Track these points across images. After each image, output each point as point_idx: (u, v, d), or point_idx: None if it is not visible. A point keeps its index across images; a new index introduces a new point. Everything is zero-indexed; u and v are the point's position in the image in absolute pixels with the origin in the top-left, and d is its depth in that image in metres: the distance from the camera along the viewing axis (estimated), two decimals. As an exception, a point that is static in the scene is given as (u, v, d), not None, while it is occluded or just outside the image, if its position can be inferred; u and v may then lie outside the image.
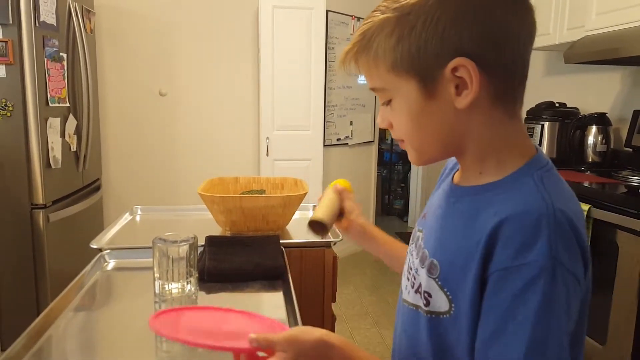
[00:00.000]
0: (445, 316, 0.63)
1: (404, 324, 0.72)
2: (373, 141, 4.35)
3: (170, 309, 0.77)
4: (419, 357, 0.67)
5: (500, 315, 0.55)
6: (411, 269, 0.71)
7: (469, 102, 0.59)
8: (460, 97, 0.60)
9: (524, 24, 0.60)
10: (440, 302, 0.63)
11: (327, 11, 3.53)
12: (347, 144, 4.04)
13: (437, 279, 0.63)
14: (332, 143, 3.90)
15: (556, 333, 0.54)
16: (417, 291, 0.68)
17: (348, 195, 0.94)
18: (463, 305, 0.60)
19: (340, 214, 0.93)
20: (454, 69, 0.58)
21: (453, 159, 0.77)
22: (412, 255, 0.73)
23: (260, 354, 0.67)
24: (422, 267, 0.67)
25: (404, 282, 0.73)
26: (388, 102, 0.66)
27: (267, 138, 3.50)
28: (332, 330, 1.49)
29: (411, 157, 0.69)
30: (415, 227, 0.77)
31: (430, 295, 0.64)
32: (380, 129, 4.25)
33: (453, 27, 0.58)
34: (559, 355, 0.54)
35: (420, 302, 0.66)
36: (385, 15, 0.60)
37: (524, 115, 2.85)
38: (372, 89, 0.66)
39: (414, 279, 0.69)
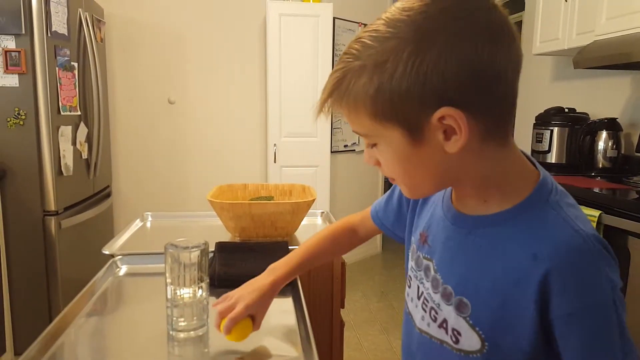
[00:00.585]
0: (476, 355, 0.62)
1: (426, 353, 0.70)
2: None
3: None
4: None
5: (588, 350, 0.56)
6: (427, 300, 0.69)
7: (460, 147, 0.56)
8: (449, 142, 0.56)
9: (511, 57, 0.56)
10: (472, 341, 0.62)
11: (334, 18, 3.55)
12: (354, 150, 4.04)
13: (468, 318, 0.62)
14: (339, 149, 3.91)
15: (630, 343, 0.57)
16: (441, 326, 0.66)
17: (258, 318, 0.89)
18: (504, 345, 0.60)
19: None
20: (441, 118, 0.55)
21: None
22: (422, 284, 0.71)
23: None
24: (448, 304, 0.65)
25: (421, 313, 0.71)
26: (373, 145, 0.62)
27: (275, 145, 3.51)
28: (341, 336, 1.49)
29: (404, 192, 0.67)
30: (416, 253, 0.74)
31: (459, 334, 0.63)
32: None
33: (435, 73, 0.53)
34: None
35: (448, 339, 0.65)
36: (360, 62, 0.56)
37: (532, 120, 2.85)
38: (355, 132, 0.63)
39: (435, 313, 0.67)
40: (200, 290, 0.90)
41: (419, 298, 0.71)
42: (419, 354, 0.73)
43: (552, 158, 2.71)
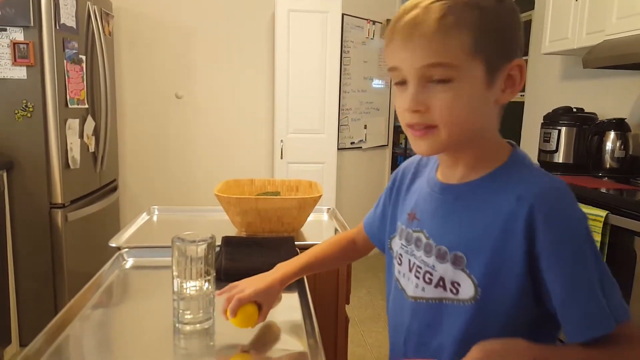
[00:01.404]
0: (474, 301, 0.69)
1: (424, 318, 0.76)
2: (387, 145, 4.34)
3: None
4: (446, 342, 0.73)
5: (569, 283, 0.64)
6: (420, 267, 0.76)
7: (508, 99, 0.69)
8: (505, 93, 0.68)
9: None
10: (467, 289, 0.69)
11: (343, 15, 3.54)
12: (361, 147, 4.04)
13: (465, 268, 0.70)
14: (346, 146, 3.90)
15: (605, 271, 0.66)
16: (437, 285, 0.73)
17: (265, 308, 0.91)
18: (497, 287, 0.68)
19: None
20: (512, 68, 0.67)
21: (398, 174, 0.91)
22: (413, 256, 0.78)
23: None
24: (444, 262, 0.72)
25: (414, 281, 0.78)
26: (445, 82, 0.65)
27: (282, 141, 3.51)
28: (346, 332, 1.49)
29: (432, 143, 0.69)
30: (405, 231, 0.81)
31: (459, 285, 0.71)
32: (394, 131, 4.24)
33: (517, 35, 0.68)
34: (612, 286, 0.66)
35: (447, 294, 0.72)
36: (467, 1, 0.64)
37: (540, 120, 2.84)
38: (434, 64, 0.64)
39: (430, 275, 0.74)
40: (206, 284, 0.90)
41: (410, 270, 0.79)
42: (414, 322, 0.78)
43: (560, 158, 2.70)
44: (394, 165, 5.27)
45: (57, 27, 2.37)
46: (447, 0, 0.64)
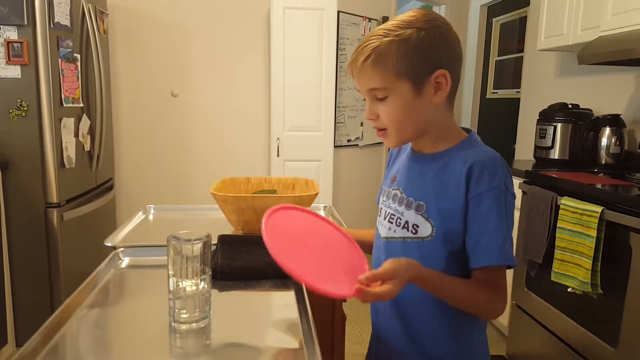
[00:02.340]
0: (428, 238, 0.93)
1: (392, 253, 0.97)
2: (383, 142, 4.33)
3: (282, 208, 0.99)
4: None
5: (483, 221, 0.87)
6: (393, 215, 0.99)
7: (441, 100, 0.91)
8: (436, 95, 0.91)
9: (462, 54, 0.95)
10: (426, 230, 0.92)
11: (339, 12, 3.53)
12: (357, 145, 4.04)
13: (424, 214, 0.93)
14: (343, 144, 3.90)
15: (510, 230, 0.89)
16: (404, 227, 0.96)
17: None
18: (446, 227, 0.91)
19: None
20: (437, 77, 0.89)
21: (392, 151, 1.11)
22: (389, 207, 1.01)
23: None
24: (409, 209, 0.96)
25: (387, 225, 1.00)
26: (382, 99, 0.91)
27: (278, 139, 3.51)
28: (343, 329, 1.49)
29: (391, 140, 0.96)
30: (387, 190, 1.04)
31: (418, 227, 0.94)
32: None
33: (438, 50, 0.89)
34: (511, 240, 0.89)
35: (409, 234, 0.95)
36: (390, 39, 0.88)
37: (536, 116, 2.84)
38: (373, 89, 0.91)
39: (399, 219, 0.97)
40: (202, 283, 0.90)
41: (385, 218, 1.02)
42: (386, 255, 0.98)
43: (555, 154, 2.70)
44: (391, 162, 5.28)
45: (52, 26, 2.35)
46: (375, 41, 0.88)
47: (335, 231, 1.02)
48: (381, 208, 1.05)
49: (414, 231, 0.94)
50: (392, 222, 0.99)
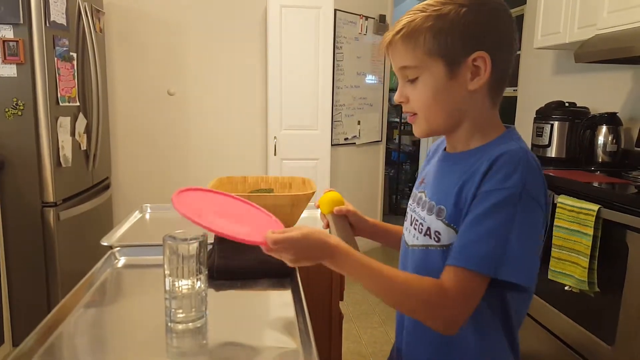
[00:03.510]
0: (450, 247, 0.80)
1: (415, 262, 0.89)
2: (380, 141, 4.34)
3: (192, 189, 0.95)
4: None
5: (476, 221, 0.75)
6: (417, 220, 0.90)
7: (478, 86, 0.80)
8: (473, 81, 0.80)
9: (517, 41, 0.84)
10: (449, 236, 0.81)
11: (335, 10, 3.53)
12: (354, 143, 4.04)
13: (444, 219, 0.82)
14: (340, 142, 3.90)
15: (523, 240, 0.73)
16: (425, 234, 0.86)
17: (349, 212, 1.04)
18: None
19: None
20: (474, 59, 0.79)
21: (432, 147, 1.01)
22: (415, 212, 0.92)
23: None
24: (430, 215, 0.85)
25: (412, 232, 0.91)
26: (413, 80, 0.83)
27: (275, 137, 3.51)
28: (340, 328, 1.49)
29: (419, 127, 0.87)
30: (414, 192, 0.96)
31: (440, 233, 0.82)
32: (387, 126, 4.24)
33: (480, 30, 0.79)
34: (521, 255, 0.74)
35: (432, 242, 0.84)
36: (427, 14, 0.79)
37: (533, 114, 2.85)
38: (403, 67, 0.83)
39: (422, 225, 0.88)
40: (198, 282, 0.90)
41: (411, 224, 0.92)
42: (411, 264, 0.91)
43: (552, 152, 2.71)
44: (388, 161, 5.28)
45: (47, 25, 2.34)
46: (410, 16, 0.81)
47: (250, 206, 1.01)
48: (407, 212, 0.97)
49: (436, 239, 0.83)
50: (416, 229, 0.90)
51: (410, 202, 0.96)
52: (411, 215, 0.93)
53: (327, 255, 0.80)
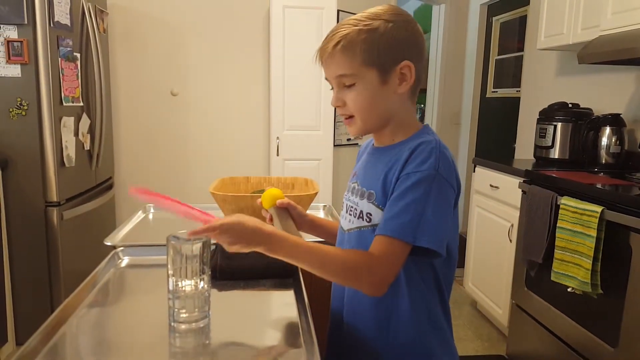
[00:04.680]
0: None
1: (351, 244, 0.99)
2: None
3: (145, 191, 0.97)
4: None
5: (398, 198, 0.87)
6: (352, 207, 1.00)
7: (405, 90, 0.93)
8: (400, 86, 0.93)
9: (426, 51, 0.98)
10: (379, 216, 0.92)
11: (338, 11, 3.53)
12: (357, 144, 4.03)
13: (374, 201, 0.94)
14: (342, 143, 3.90)
15: (435, 213, 0.85)
16: (359, 217, 0.97)
17: (290, 205, 1.12)
18: None
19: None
20: (402, 67, 0.92)
21: (361, 149, 1.13)
22: (349, 200, 1.02)
23: None
24: (362, 199, 0.97)
25: (347, 218, 1.01)
26: (350, 86, 0.93)
27: (278, 138, 3.51)
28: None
29: (355, 127, 0.97)
30: (349, 183, 1.06)
31: (371, 214, 0.94)
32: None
33: (404, 42, 0.92)
34: (433, 225, 0.85)
35: (364, 223, 0.96)
36: (359, 28, 0.91)
37: (536, 115, 2.84)
38: (341, 75, 0.93)
39: (355, 210, 0.99)
40: (201, 282, 0.90)
41: (347, 211, 1.03)
42: (347, 247, 1.00)
43: (555, 153, 2.70)
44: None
45: (51, 25, 2.35)
46: (344, 29, 0.92)
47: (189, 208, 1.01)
48: (343, 202, 1.07)
49: (367, 219, 0.95)
50: (350, 214, 1.00)
51: (345, 194, 1.07)
52: (346, 204, 1.04)
53: (263, 241, 0.87)
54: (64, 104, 2.48)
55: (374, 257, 0.85)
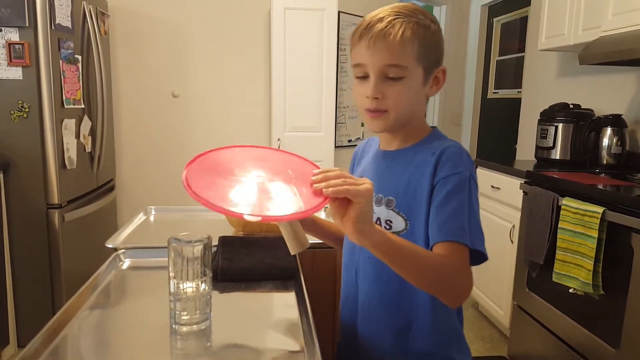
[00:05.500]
0: (403, 232, 0.91)
1: (363, 253, 0.97)
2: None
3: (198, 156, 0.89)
4: (385, 270, 0.84)
5: (445, 201, 0.85)
6: None
7: (434, 93, 0.95)
8: (432, 89, 0.95)
9: None
10: (399, 224, 0.92)
11: (339, 12, 3.53)
12: (357, 145, 4.03)
13: (394, 208, 0.92)
14: (344, 144, 3.90)
15: (476, 214, 0.87)
16: (376, 224, 0.86)
17: None
18: (418, 218, 0.89)
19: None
20: (439, 71, 0.94)
21: (357, 151, 1.16)
22: None
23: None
24: (379, 206, 0.94)
25: None
26: (394, 79, 0.89)
27: (279, 139, 3.51)
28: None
29: (384, 123, 0.93)
30: None
31: (391, 222, 0.93)
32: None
33: (442, 46, 0.94)
34: (479, 227, 0.86)
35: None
36: (416, 21, 0.88)
37: (537, 116, 2.84)
38: (392, 65, 0.87)
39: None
40: (203, 284, 0.90)
41: None
42: (361, 256, 0.98)
43: (557, 154, 2.70)
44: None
45: (53, 27, 2.36)
46: (405, 19, 0.88)
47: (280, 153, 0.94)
48: None
49: (387, 227, 0.93)
50: None
51: None
52: None
53: (374, 230, 0.75)
54: (65, 106, 2.49)
55: (454, 260, 0.82)
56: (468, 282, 0.84)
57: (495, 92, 4.48)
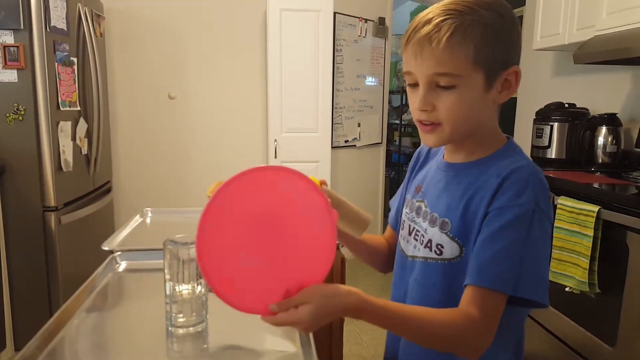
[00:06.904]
0: (455, 260, 0.81)
1: (415, 274, 0.88)
2: (381, 143, 4.34)
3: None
4: (432, 297, 0.83)
5: (492, 238, 0.74)
6: (418, 231, 0.88)
7: (503, 99, 0.80)
8: (501, 94, 0.79)
9: None
10: (452, 250, 0.81)
11: (335, 13, 3.54)
12: (355, 145, 4.04)
13: (448, 232, 0.81)
14: (340, 145, 3.90)
15: (535, 257, 0.74)
16: (426, 246, 0.85)
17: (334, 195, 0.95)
18: (473, 244, 0.78)
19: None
20: (509, 73, 0.78)
21: (420, 152, 1.00)
22: (414, 221, 0.90)
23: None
24: (433, 227, 0.84)
25: (412, 243, 0.89)
26: (446, 88, 0.76)
27: (276, 140, 3.51)
28: (341, 331, 1.49)
29: (439, 137, 0.81)
30: (411, 201, 0.93)
31: (442, 247, 0.82)
32: (388, 128, 4.24)
33: (515, 43, 0.78)
34: (535, 273, 0.74)
35: (433, 255, 0.83)
36: (472, 18, 0.74)
37: (532, 116, 2.85)
38: (440, 74, 0.76)
39: (422, 237, 0.86)
40: (199, 287, 0.90)
41: (410, 234, 0.90)
42: (410, 276, 0.89)
43: (552, 153, 2.71)
44: (389, 162, 5.28)
45: (48, 30, 2.35)
46: (455, 19, 0.74)
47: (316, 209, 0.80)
48: (404, 221, 0.93)
49: (438, 252, 0.82)
50: (416, 240, 0.88)
51: (406, 210, 0.93)
52: (409, 225, 0.91)
53: (349, 314, 0.73)
54: (61, 108, 2.48)
55: (477, 320, 0.72)
56: (484, 336, 0.74)
57: (491, 92, 4.50)
